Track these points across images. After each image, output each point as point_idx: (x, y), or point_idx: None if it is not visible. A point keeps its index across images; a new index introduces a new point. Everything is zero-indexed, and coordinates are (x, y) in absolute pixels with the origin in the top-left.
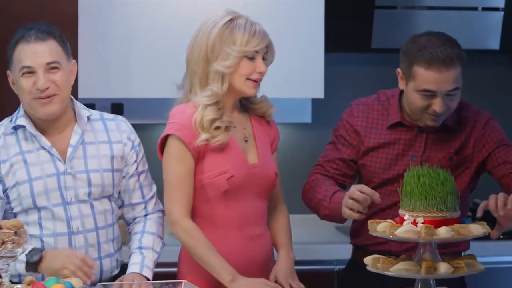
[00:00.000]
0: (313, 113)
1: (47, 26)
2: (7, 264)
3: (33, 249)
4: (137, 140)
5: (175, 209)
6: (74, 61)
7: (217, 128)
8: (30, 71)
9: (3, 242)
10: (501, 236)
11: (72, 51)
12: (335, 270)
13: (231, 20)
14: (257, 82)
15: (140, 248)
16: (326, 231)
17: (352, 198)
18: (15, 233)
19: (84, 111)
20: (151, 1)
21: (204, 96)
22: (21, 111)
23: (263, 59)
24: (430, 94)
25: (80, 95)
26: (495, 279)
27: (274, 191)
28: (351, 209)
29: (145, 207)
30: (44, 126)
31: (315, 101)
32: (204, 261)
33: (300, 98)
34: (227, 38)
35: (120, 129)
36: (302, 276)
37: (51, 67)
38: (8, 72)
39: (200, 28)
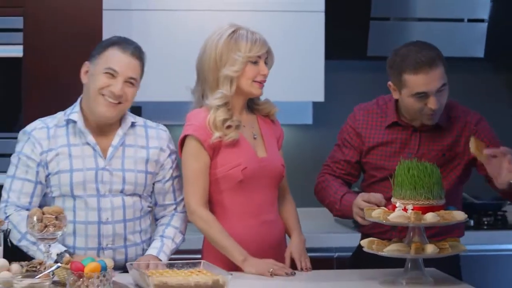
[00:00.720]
0: (314, 115)
1: (140, 48)
2: (48, 245)
3: (66, 251)
4: (174, 148)
5: (193, 201)
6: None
7: (229, 127)
8: (113, 75)
9: (46, 226)
10: (484, 226)
11: None
12: (334, 257)
13: (234, 31)
14: (261, 83)
15: (162, 236)
16: (326, 223)
17: (359, 208)
18: (56, 218)
19: (130, 118)
20: (168, 13)
21: (215, 98)
22: (76, 106)
23: (265, 63)
24: (423, 96)
25: None
26: (488, 264)
27: (281, 183)
28: (360, 217)
29: (175, 208)
30: (94, 124)
31: (315, 104)
32: (218, 245)
33: (302, 101)
34: (233, 47)
35: (160, 137)
36: None
37: (130, 81)
38: (86, 62)
39: (207, 41)
